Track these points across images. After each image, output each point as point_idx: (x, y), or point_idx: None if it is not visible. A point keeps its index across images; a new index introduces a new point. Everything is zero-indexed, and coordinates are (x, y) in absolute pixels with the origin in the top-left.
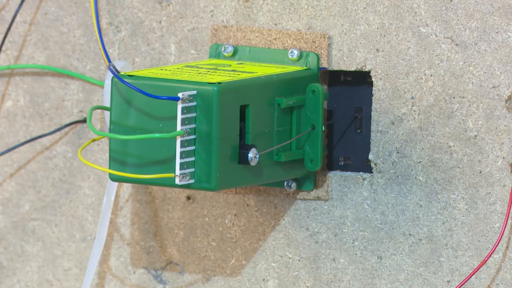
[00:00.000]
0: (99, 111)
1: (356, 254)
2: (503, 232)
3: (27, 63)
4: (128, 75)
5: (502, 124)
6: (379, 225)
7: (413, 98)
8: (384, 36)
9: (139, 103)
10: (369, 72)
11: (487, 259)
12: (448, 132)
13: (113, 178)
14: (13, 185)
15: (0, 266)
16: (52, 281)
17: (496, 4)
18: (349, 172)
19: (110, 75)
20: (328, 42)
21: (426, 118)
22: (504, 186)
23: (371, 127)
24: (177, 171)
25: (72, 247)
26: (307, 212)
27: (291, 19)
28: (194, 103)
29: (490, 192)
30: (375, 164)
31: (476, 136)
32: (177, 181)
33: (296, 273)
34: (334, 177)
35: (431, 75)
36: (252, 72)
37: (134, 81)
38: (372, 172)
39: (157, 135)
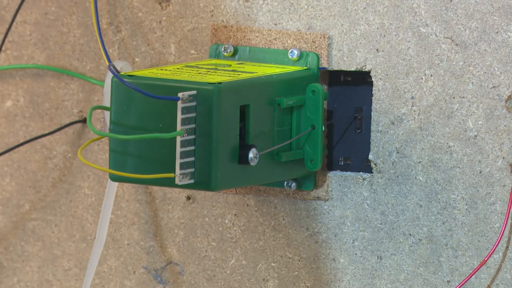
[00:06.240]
0: (99, 111)
1: (356, 254)
2: (503, 232)
3: (27, 63)
4: (128, 75)
5: (502, 124)
6: (379, 225)
7: (413, 98)
8: (384, 36)
9: (139, 103)
10: (369, 72)
11: (487, 259)
12: (448, 132)
13: (113, 178)
14: (13, 185)
15: (0, 266)
16: (52, 281)
17: (496, 4)
18: (349, 172)
19: (110, 75)
20: (328, 42)
21: (426, 118)
22: (504, 186)
23: (371, 127)
24: (177, 171)
25: (72, 247)
26: (307, 212)
27: (291, 19)
28: (194, 103)
29: (490, 192)
30: (375, 164)
31: (476, 136)
32: (177, 181)
33: (296, 273)
34: (334, 177)
35: (431, 75)
36: (252, 72)
37: (134, 81)
38: (372, 172)
39: (157, 135)
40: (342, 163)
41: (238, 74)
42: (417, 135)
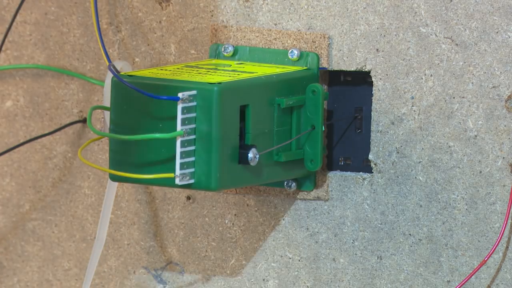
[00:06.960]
0: (99, 111)
1: (356, 254)
2: (503, 232)
3: (27, 63)
4: (128, 75)
5: (502, 124)
6: (379, 225)
7: (413, 98)
8: (384, 36)
9: (139, 103)
10: (369, 72)
11: (487, 259)
12: (448, 132)
13: (113, 178)
14: (13, 185)
15: (0, 266)
16: (52, 281)
17: (496, 4)
18: (349, 172)
19: (110, 75)
20: (328, 42)
21: (426, 118)
22: (504, 186)
23: (371, 127)
24: (177, 171)
25: (72, 247)
26: (307, 212)
27: (291, 19)
28: (194, 103)
29: (490, 192)
30: (375, 164)
31: (476, 136)
32: (177, 181)
33: (296, 273)
34: (334, 177)
35: (431, 75)
36: (252, 72)
37: (134, 81)
38: (372, 172)
39: (157, 135)
40: (342, 163)
41: (238, 74)
42: (417, 135)
